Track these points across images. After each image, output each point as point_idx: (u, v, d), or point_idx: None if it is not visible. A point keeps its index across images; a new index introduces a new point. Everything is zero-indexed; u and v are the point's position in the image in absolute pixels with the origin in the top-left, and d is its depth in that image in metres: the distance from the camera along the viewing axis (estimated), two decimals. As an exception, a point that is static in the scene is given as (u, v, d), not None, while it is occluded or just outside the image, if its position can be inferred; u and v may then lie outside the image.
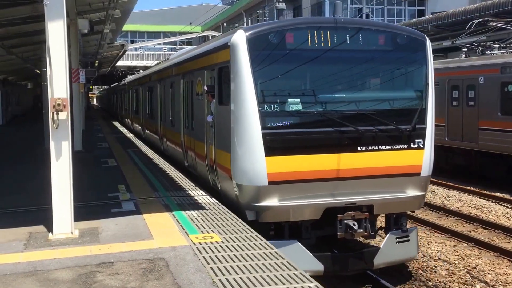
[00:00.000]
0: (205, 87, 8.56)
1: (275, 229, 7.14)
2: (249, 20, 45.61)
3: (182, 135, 10.95)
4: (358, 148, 7.15)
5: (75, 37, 15.39)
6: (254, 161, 6.88)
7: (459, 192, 13.70)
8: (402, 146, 7.34)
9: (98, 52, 26.52)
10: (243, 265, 5.00)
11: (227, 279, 4.62)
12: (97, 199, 8.16)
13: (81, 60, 21.84)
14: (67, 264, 5.12)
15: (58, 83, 5.94)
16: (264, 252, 5.38)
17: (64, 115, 5.96)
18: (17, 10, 13.46)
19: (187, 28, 41.55)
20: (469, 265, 8.44)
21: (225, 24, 49.39)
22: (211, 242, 5.75)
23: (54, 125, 5.95)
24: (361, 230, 7.17)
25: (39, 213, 7.16)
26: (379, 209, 7.38)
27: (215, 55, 8.23)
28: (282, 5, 10.39)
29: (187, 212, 7.17)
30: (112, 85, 48.44)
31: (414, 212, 9.31)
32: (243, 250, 5.45)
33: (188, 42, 50.03)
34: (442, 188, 14.24)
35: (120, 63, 42.46)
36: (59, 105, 5.88)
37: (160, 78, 14.30)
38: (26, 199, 8.24)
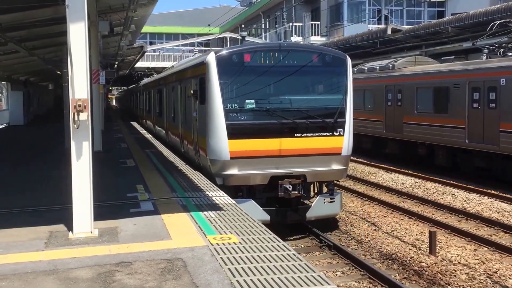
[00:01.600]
0: (192, 91, 11.28)
1: (236, 191, 9.76)
2: (267, 22, 45.61)
3: (180, 128, 13.81)
4: (295, 134, 9.96)
5: (95, 38, 15.57)
6: (221, 143, 9.71)
7: (480, 196, 13.50)
8: (327, 134, 10.12)
9: (117, 53, 26.81)
10: (261, 266, 5.00)
11: (244, 280, 4.62)
12: (116, 199, 8.24)
13: (101, 62, 22.07)
14: (87, 263, 5.17)
15: (79, 84, 6.02)
16: (282, 254, 5.37)
17: (84, 116, 6.03)
18: (39, 12, 13.68)
19: (205, 29, 41.72)
20: (489, 270, 8.31)
21: (243, 26, 49.48)
22: (228, 243, 5.75)
23: (75, 125, 6.02)
24: (295, 192, 9.77)
25: (59, 212, 7.25)
26: (310, 178, 10.16)
27: (198, 69, 11.03)
28: (244, 33, 13.86)
29: (205, 212, 7.19)
30: (129, 87, 49.25)
31: (339, 181, 11.92)
32: (260, 252, 5.45)
33: (206, 44, 50.24)
34: (462, 191, 14.05)
35: (139, 64, 42.84)
36: (79, 105, 5.95)
37: (166, 83, 16.96)
38: (47, 198, 8.36)
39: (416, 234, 10.25)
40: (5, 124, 29.69)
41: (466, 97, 15.33)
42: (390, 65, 19.91)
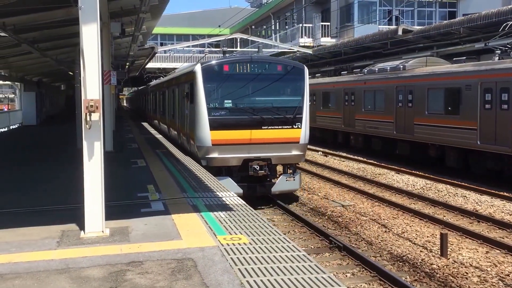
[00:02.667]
0: (185, 93, 14.32)
1: (217, 171, 12.37)
2: (277, 23, 45.60)
3: (177, 123, 16.63)
4: (262, 127, 12.56)
5: (107, 40, 15.68)
6: (204, 133, 12.42)
7: (492, 198, 13.40)
8: (288, 127, 12.71)
9: (128, 54, 26.95)
10: (271, 267, 5.01)
11: (255, 281, 4.63)
12: (127, 198, 8.29)
13: (113, 63, 22.22)
14: (98, 262, 5.22)
15: (91, 84, 6.07)
16: (292, 255, 5.37)
17: (96, 116, 6.09)
18: (52, 13, 13.81)
19: (216, 30, 41.81)
20: (502, 272, 8.24)
21: (253, 27, 49.53)
22: (238, 243, 5.77)
23: (87, 125, 6.07)
24: (262, 171, 12.45)
25: (71, 211, 7.32)
26: (275, 161, 12.84)
27: (188, 76, 13.89)
28: (225, 48, 16.66)
29: (215, 213, 7.22)
30: (139, 88, 49.98)
31: (298, 164, 13.74)
32: (270, 252, 5.46)
33: (217, 45, 50.34)
34: (473, 193, 13.95)
35: (150, 65, 43.01)
36: (91, 106, 6.00)
37: (168, 86, 19.93)
38: (59, 198, 8.44)
39: (427, 236, 10.20)
40: (18, 124, 29.97)
41: (478, 98, 15.22)
42: (401, 66, 19.82)
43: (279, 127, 12.68)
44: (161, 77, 31.58)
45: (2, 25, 13.08)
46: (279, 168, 13.99)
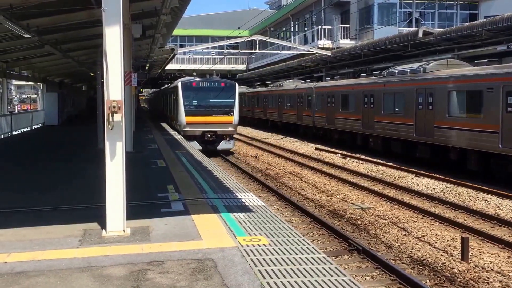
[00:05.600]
0: (173, 97, 25.26)
1: (189, 138, 21.99)
2: (296, 25, 45.54)
3: (172, 113, 27.02)
4: (212, 115, 23.05)
5: (128, 41, 15.84)
6: (182, 117, 23.07)
7: (514, 202, 13.16)
8: (226, 115, 23.14)
9: (149, 55, 27.20)
10: (291, 268, 5.01)
11: (275, 282, 4.64)
12: (147, 198, 8.38)
13: (133, 64, 22.47)
14: (120, 261, 5.28)
15: (114, 85, 6.16)
16: (311, 257, 5.37)
17: (118, 117, 6.16)
18: (74, 15, 14.02)
19: (235, 32, 41.93)
20: (524, 278, 8.10)
21: (272, 29, 49.53)
22: (258, 244, 5.79)
23: (109, 126, 6.15)
24: (212, 138, 22.86)
25: (93, 210, 7.42)
26: (220, 132, 23.00)
27: (175, 88, 25.06)
28: (197, 79, 25.78)
29: (235, 214, 7.25)
30: (156, 90, 51.36)
31: (233, 136, 24.10)
32: (290, 254, 5.46)
33: (236, 47, 50.49)
34: (495, 197, 13.74)
35: (169, 66, 43.35)
36: (114, 107, 6.08)
37: (168, 92, 31.16)
38: (81, 197, 8.56)
39: (448, 240, 10.08)
40: (40, 124, 30.46)
41: (500, 101, 15.00)
42: (422, 68, 19.63)
43: (221, 115, 23.30)
44: (168, 84, 41.58)
45: (26, 27, 13.32)
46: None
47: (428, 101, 18.63)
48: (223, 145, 23.30)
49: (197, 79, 24.50)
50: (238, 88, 24.52)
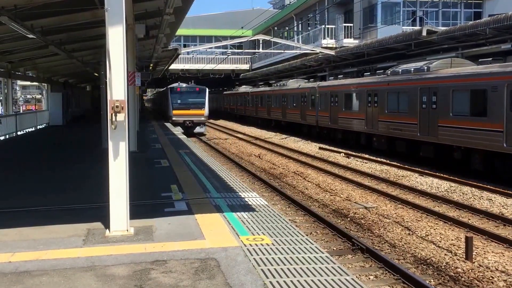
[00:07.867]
0: (165, 98, 38.36)
1: (175, 125, 33.41)
2: (300, 24, 45.50)
3: (164, 109, 40.17)
4: (190, 109, 34.40)
5: (131, 41, 15.87)
6: (170, 111, 34.76)
7: (518, 201, 13.11)
8: (199, 109, 34.49)
9: (152, 55, 27.24)
10: (294, 268, 5.01)
11: (277, 282, 4.64)
12: (151, 198, 8.39)
13: (137, 64, 22.48)
14: (123, 261, 5.29)
15: (117, 85, 6.17)
16: (314, 256, 5.36)
17: (121, 117, 6.18)
18: (78, 16, 14.06)
19: (238, 32, 41.95)
20: (528, 278, 8.07)
21: (275, 28, 49.51)
22: (261, 244, 5.79)
23: (113, 126, 6.17)
24: (190, 125, 34.19)
25: (96, 210, 7.44)
26: (196, 121, 34.47)
27: (165, 91, 40.40)
28: (183, 85, 37.42)
29: (238, 213, 7.25)
30: (159, 91, 53.75)
31: (205, 123, 35.88)
32: (293, 253, 5.46)
33: (239, 46, 50.49)
34: (499, 196, 13.69)
35: (173, 66, 43.43)
36: (117, 106, 6.09)
37: (162, 94, 45.85)
38: (85, 197, 8.58)
39: (452, 239, 10.05)
40: (45, 124, 30.57)
41: (505, 99, 14.94)
42: (425, 67, 19.58)
43: (197, 109, 33.84)
44: (162, 88, 53.08)
45: (30, 27, 13.37)
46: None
47: (432, 100, 18.59)
48: (198, 129, 34.18)
49: (183, 85, 36.51)
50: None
